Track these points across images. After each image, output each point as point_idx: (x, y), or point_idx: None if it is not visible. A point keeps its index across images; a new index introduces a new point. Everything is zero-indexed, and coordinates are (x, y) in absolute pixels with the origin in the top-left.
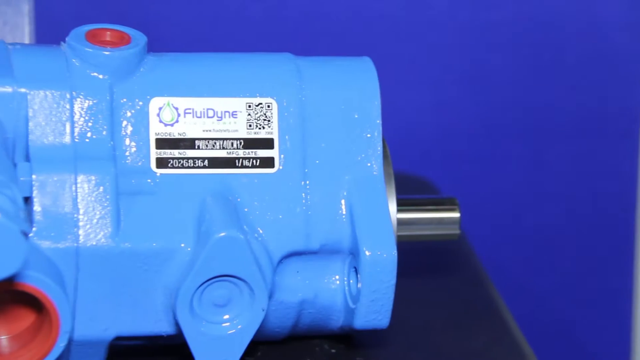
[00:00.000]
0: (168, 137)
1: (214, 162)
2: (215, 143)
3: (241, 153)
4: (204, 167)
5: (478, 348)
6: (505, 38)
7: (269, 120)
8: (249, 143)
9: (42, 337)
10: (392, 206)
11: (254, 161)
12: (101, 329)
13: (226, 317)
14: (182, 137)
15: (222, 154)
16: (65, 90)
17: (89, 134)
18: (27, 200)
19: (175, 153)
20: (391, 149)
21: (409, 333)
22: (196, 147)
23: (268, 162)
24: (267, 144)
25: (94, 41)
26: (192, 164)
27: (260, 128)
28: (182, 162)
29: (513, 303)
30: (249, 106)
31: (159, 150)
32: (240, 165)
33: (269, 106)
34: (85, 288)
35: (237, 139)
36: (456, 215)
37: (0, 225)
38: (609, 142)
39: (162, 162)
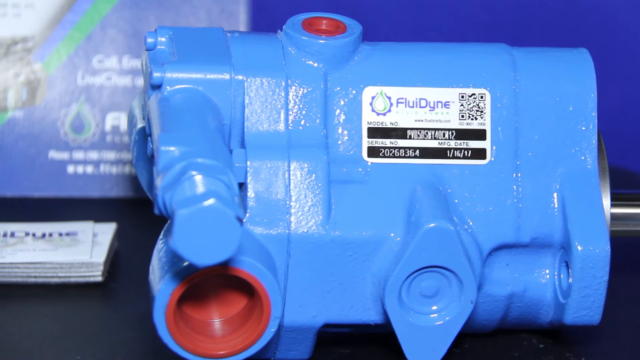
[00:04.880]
0: (380, 126)
1: (425, 152)
2: (427, 133)
3: (453, 144)
4: (415, 157)
5: None
6: None
7: (481, 111)
8: (461, 134)
9: (253, 322)
10: (606, 201)
11: (466, 152)
12: (310, 316)
13: (434, 308)
14: (394, 126)
15: (434, 144)
16: (281, 78)
17: (302, 122)
18: (242, 186)
19: (387, 142)
20: (605, 142)
21: (621, 331)
22: (408, 136)
23: (480, 154)
24: (479, 135)
25: (310, 30)
26: (403, 154)
27: (472, 119)
28: (393, 151)
29: None
30: (462, 97)
31: (370, 140)
32: (451, 155)
33: (482, 97)
34: (295, 275)
35: (449, 130)
36: None
37: (216, 210)
38: None
39: (373, 151)
